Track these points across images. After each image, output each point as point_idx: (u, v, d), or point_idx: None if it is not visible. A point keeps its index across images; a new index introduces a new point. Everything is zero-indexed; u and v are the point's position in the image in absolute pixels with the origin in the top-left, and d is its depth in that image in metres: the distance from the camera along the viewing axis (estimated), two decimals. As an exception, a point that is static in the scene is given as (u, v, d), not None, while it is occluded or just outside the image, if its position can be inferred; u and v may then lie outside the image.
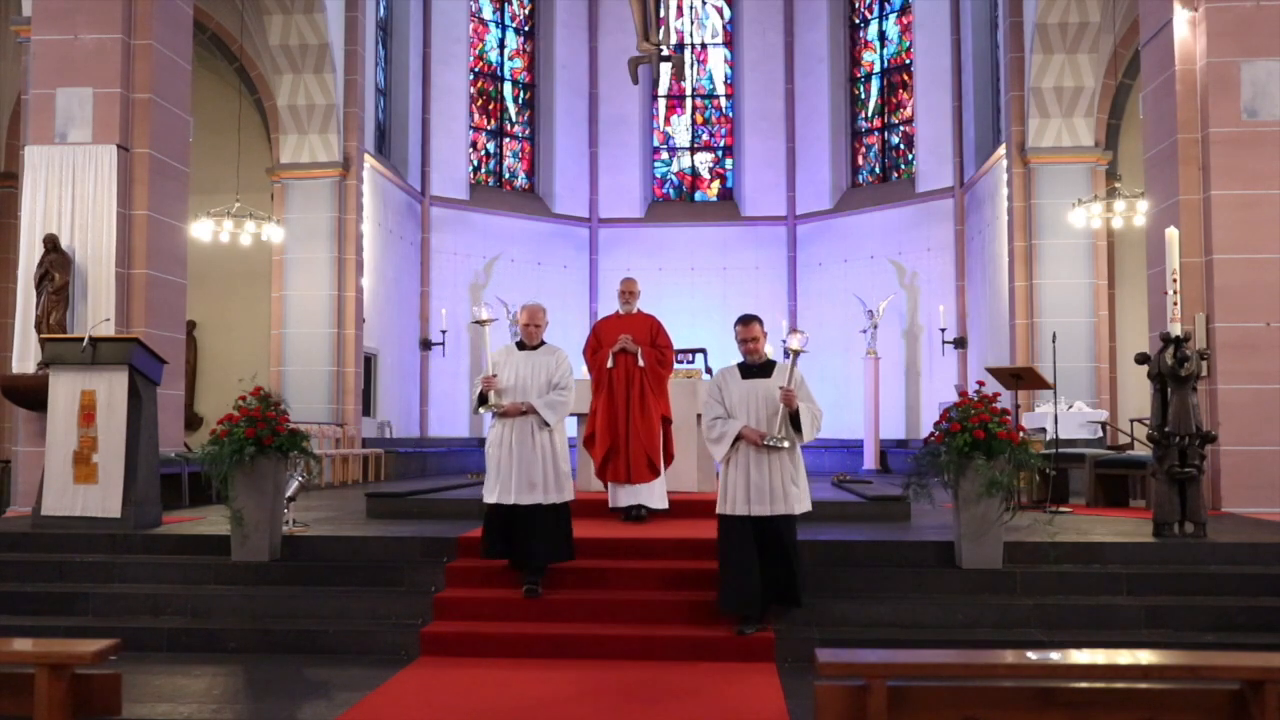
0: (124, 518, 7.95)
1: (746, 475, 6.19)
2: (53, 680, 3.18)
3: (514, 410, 6.71)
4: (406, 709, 5.33)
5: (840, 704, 3.06)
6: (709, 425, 6.31)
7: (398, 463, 15.95)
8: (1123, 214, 13.87)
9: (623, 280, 9.22)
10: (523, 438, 6.68)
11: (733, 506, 6.21)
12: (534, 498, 6.62)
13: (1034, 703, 3.05)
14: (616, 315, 9.14)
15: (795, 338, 6.26)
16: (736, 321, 6.45)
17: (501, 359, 6.94)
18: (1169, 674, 3.23)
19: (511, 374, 6.84)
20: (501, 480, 6.67)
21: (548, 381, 6.80)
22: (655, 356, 8.84)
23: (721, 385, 6.34)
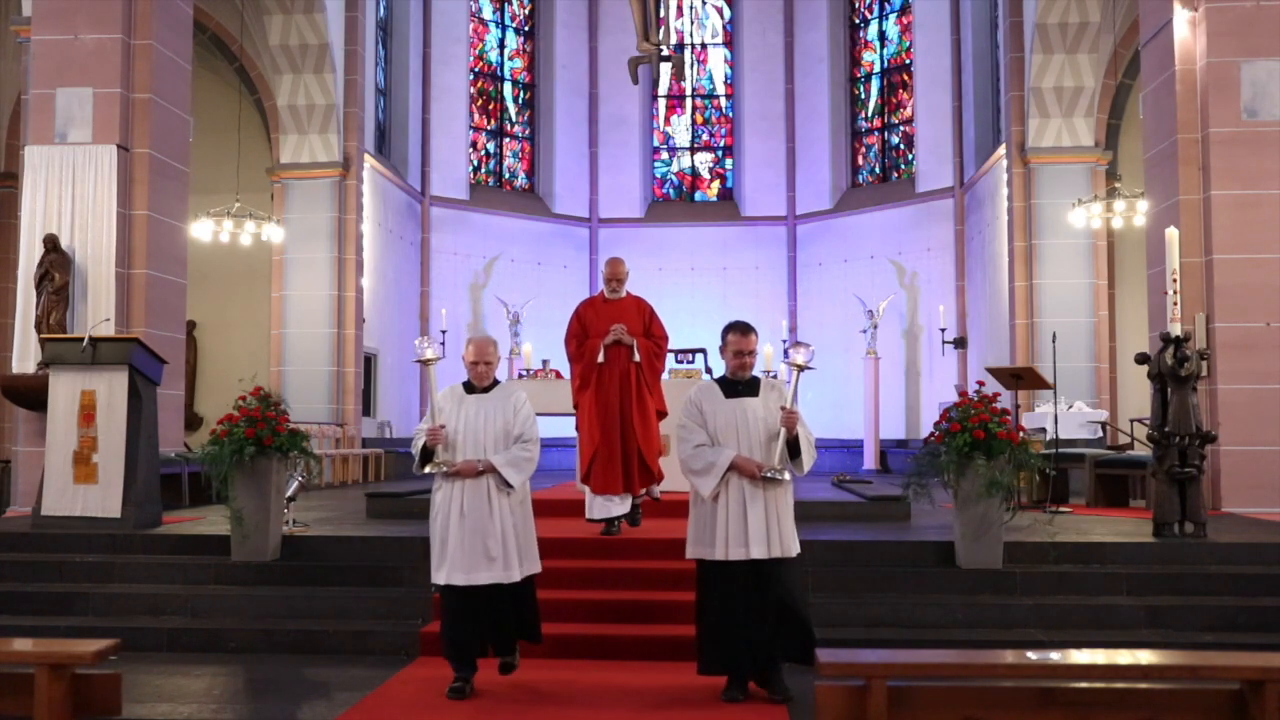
0: (124, 518, 7.95)
1: (742, 512, 5.19)
2: (53, 680, 3.18)
3: (468, 470, 5.29)
4: (406, 709, 5.32)
5: (840, 704, 3.06)
6: (691, 455, 5.27)
7: (398, 463, 15.94)
8: (1123, 214, 13.87)
9: (608, 262, 7.93)
10: (477, 503, 5.29)
11: (722, 549, 5.19)
12: (492, 574, 5.27)
13: (1034, 703, 3.05)
14: (602, 298, 7.89)
15: (800, 352, 5.42)
16: (729, 329, 5.47)
17: (447, 404, 5.47)
18: (1169, 674, 3.23)
19: (460, 423, 5.39)
20: (451, 555, 5.27)
21: (505, 432, 5.39)
22: (651, 349, 7.77)
23: (701, 406, 5.35)
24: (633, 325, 7.69)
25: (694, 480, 5.28)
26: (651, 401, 7.79)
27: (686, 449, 5.31)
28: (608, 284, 7.80)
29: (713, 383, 5.50)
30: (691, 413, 5.36)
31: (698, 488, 5.28)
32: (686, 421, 5.36)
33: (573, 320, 7.84)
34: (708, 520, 5.25)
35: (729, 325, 5.51)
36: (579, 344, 7.73)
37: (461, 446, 5.38)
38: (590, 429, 7.63)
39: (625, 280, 7.85)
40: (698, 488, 5.28)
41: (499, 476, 5.32)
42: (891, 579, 6.88)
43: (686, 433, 5.34)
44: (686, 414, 5.37)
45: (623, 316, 7.70)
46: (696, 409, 5.36)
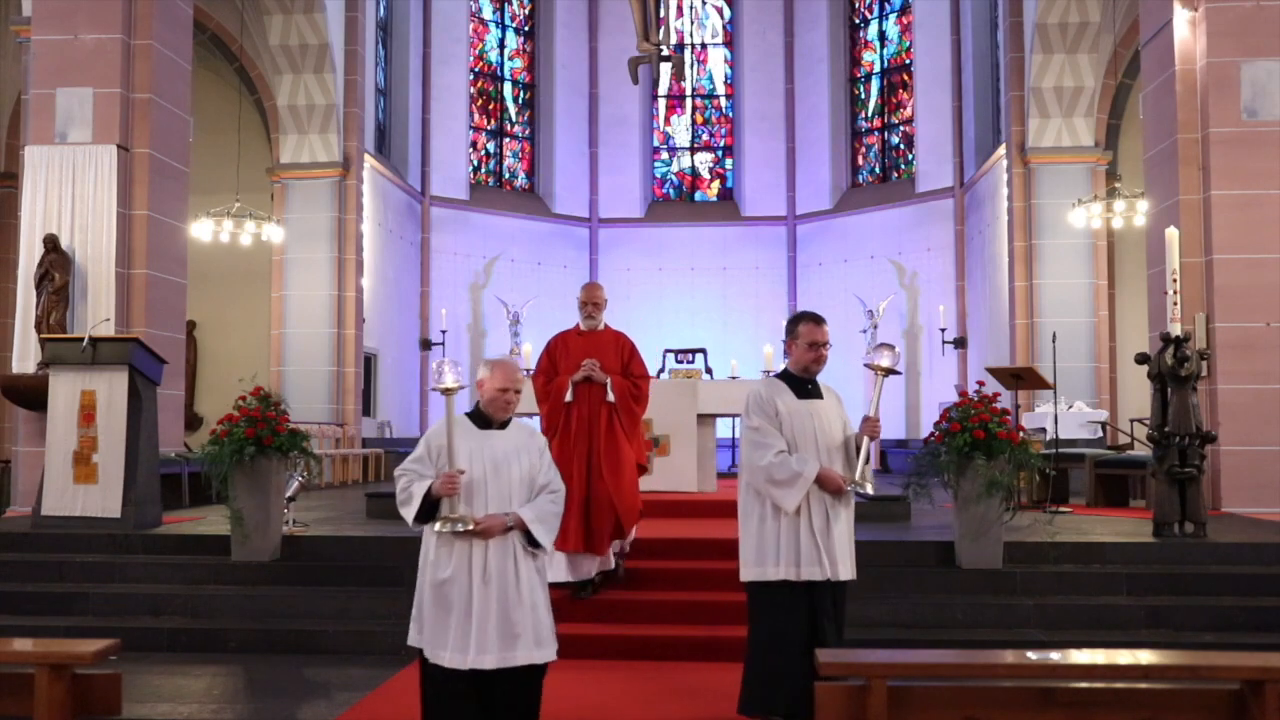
0: (124, 518, 7.95)
1: (826, 528, 4.61)
2: (53, 680, 3.18)
3: (496, 528, 4.12)
4: (407, 709, 5.32)
5: (840, 704, 3.06)
6: (775, 463, 4.56)
7: (398, 463, 15.85)
8: (1123, 214, 13.87)
9: (584, 288, 7.04)
10: (503, 567, 4.14)
11: (791, 569, 4.58)
12: (516, 655, 4.12)
13: (1034, 703, 3.05)
14: (577, 331, 6.92)
15: (885, 354, 4.75)
16: (801, 318, 4.80)
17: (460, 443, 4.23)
18: (1169, 674, 3.23)
19: (476, 467, 4.21)
20: (458, 631, 4.10)
21: (529, 480, 4.27)
22: (628, 389, 6.75)
23: (776, 404, 4.67)
24: (609, 361, 6.72)
25: (774, 492, 4.58)
26: (627, 448, 6.68)
27: (765, 455, 4.58)
28: (583, 309, 6.85)
29: (778, 379, 4.81)
30: (766, 412, 4.66)
31: (779, 500, 4.58)
32: (761, 423, 4.65)
33: (542, 356, 6.91)
34: (779, 537, 4.61)
35: (801, 314, 4.85)
36: (547, 380, 6.79)
37: (479, 497, 4.19)
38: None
39: (603, 307, 6.89)
40: (779, 500, 4.58)
41: (526, 535, 4.18)
42: (891, 579, 6.88)
43: (763, 436, 4.63)
44: (759, 413, 4.67)
45: (598, 352, 6.73)
46: (771, 408, 4.67)
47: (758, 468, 4.60)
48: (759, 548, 4.64)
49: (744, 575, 4.71)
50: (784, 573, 4.57)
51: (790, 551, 4.58)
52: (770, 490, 4.59)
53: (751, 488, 4.68)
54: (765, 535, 4.63)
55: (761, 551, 4.63)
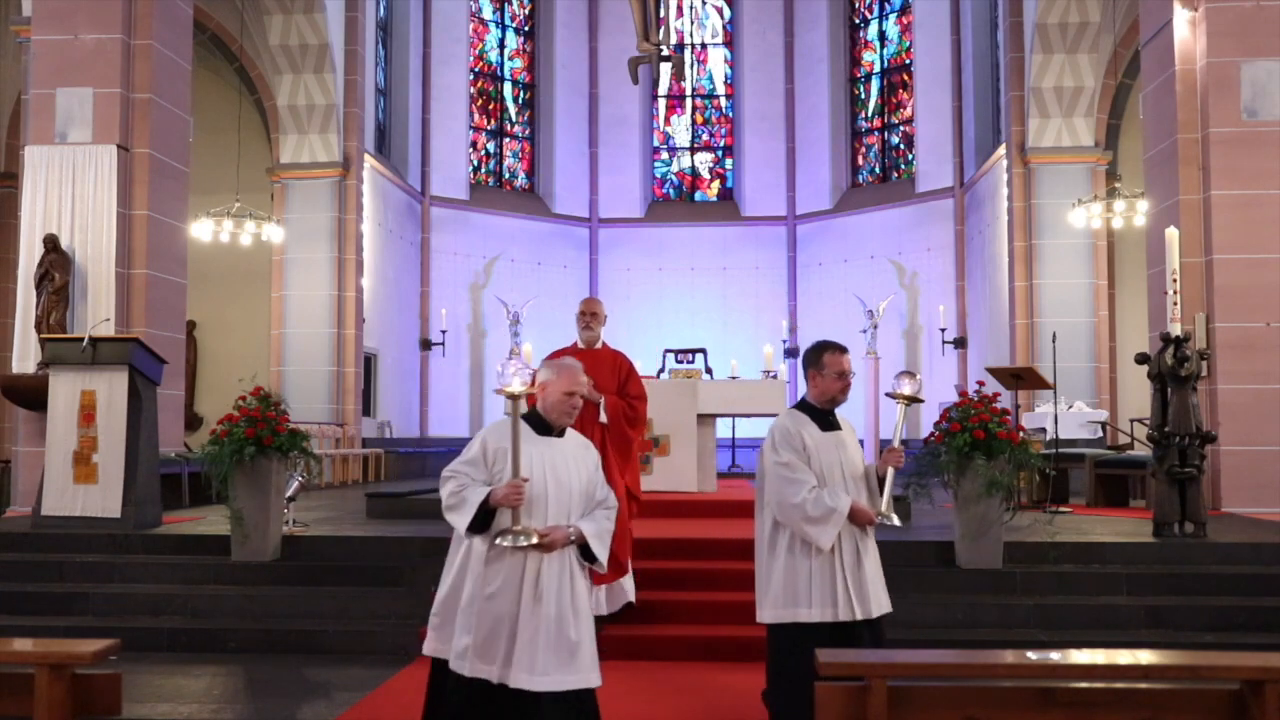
0: (124, 518, 7.95)
1: (857, 563, 4.44)
2: (53, 680, 3.18)
3: (560, 541, 3.93)
4: (407, 709, 5.32)
5: (840, 704, 3.06)
6: (810, 499, 4.35)
7: (398, 463, 15.94)
8: (1123, 214, 13.87)
9: (583, 302, 6.79)
10: (560, 583, 3.94)
11: (828, 609, 4.39)
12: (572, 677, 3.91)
13: (1034, 703, 3.05)
14: (574, 348, 6.63)
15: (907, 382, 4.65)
16: (828, 347, 4.58)
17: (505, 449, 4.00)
18: (1169, 674, 3.23)
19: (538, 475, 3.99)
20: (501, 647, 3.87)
21: (587, 493, 4.10)
22: (622, 409, 6.45)
23: (803, 438, 4.47)
24: (605, 381, 6.39)
25: (809, 530, 4.35)
26: (620, 475, 6.31)
27: (799, 492, 4.36)
28: (580, 319, 6.57)
29: (799, 411, 4.58)
30: (794, 445, 4.45)
31: (814, 538, 4.35)
32: (790, 458, 4.42)
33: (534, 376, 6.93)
34: (811, 576, 4.39)
35: (824, 344, 4.61)
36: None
37: (539, 508, 3.94)
38: None
39: (602, 320, 6.63)
40: (814, 538, 4.35)
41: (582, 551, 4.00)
42: (891, 579, 6.81)
43: (793, 472, 4.40)
44: (788, 447, 4.44)
45: (594, 370, 6.26)
46: (798, 441, 4.46)
47: (791, 505, 4.37)
48: (788, 587, 4.41)
49: (769, 616, 4.46)
50: (818, 614, 4.37)
51: (824, 591, 4.38)
52: (805, 528, 4.36)
53: (777, 524, 4.46)
54: (796, 574, 4.40)
55: (792, 591, 4.40)
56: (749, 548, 7.23)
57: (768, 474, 4.47)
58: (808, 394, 4.61)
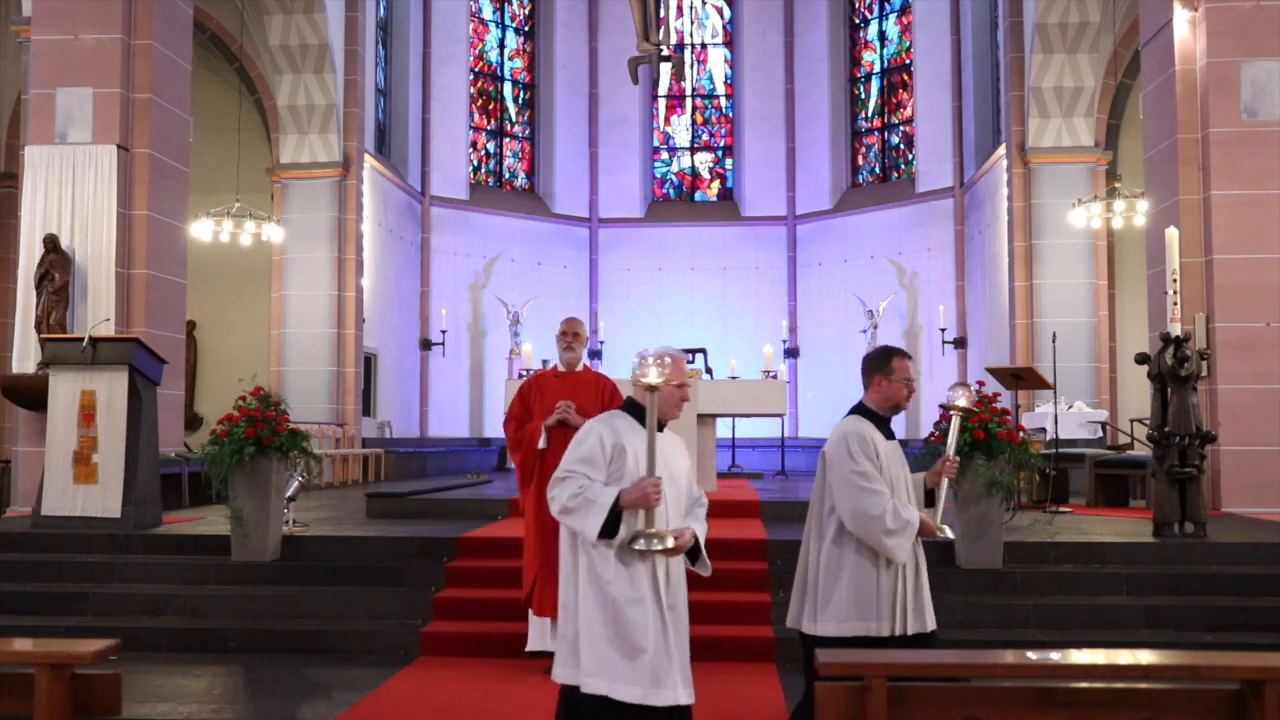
0: (124, 518, 7.95)
1: (916, 574, 4.29)
2: (53, 680, 3.18)
3: (687, 544, 3.75)
4: (406, 709, 5.32)
5: (840, 704, 3.06)
6: (889, 511, 4.14)
7: (398, 463, 15.94)
8: (1123, 214, 13.87)
9: (564, 322, 6.31)
10: (683, 588, 3.86)
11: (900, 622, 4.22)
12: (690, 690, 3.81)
13: (1034, 703, 3.05)
14: (554, 373, 6.32)
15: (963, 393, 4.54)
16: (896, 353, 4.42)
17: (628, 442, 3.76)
18: (1169, 674, 3.23)
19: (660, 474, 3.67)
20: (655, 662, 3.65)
21: (689, 491, 3.96)
22: None
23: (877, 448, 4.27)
24: (587, 404, 6.06)
25: (888, 542, 4.14)
26: None
27: (879, 503, 4.15)
28: (560, 339, 6.24)
29: (863, 417, 4.36)
30: (869, 454, 4.23)
31: (892, 551, 4.16)
32: (868, 467, 4.20)
33: (514, 400, 6.28)
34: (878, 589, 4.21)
35: (892, 349, 4.46)
36: (519, 426, 6.14)
37: (661, 508, 3.66)
38: (533, 535, 5.97)
39: (584, 341, 6.32)
40: (892, 551, 4.16)
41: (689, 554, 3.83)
42: (891, 579, 6.87)
43: (870, 482, 4.17)
44: (864, 456, 4.21)
45: (575, 394, 6.08)
46: (873, 449, 4.25)
47: (871, 517, 4.15)
48: (855, 599, 4.20)
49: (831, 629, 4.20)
50: (887, 627, 4.19)
51: (889, 604, 4.21)
52: (884, 540, 4.15)
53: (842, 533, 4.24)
54: (864, 587, 4.20)
55: (861, 605, 4.19)
56: (749, 548, 7.26)
57: (842, 482, 4.21)
58: (868, 400, 4.41)
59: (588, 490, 3.61)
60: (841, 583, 4.22)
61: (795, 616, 4.36)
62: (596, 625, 3.61)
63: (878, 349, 4.56)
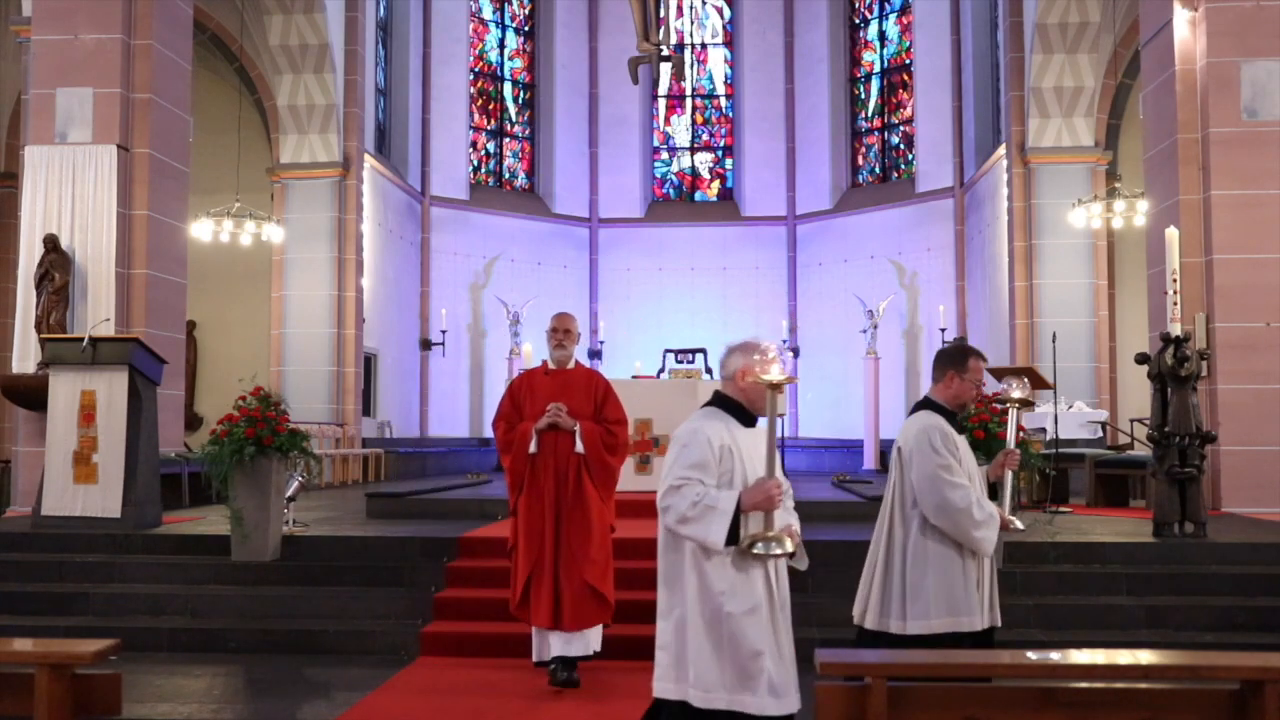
0: (124, 518, 7.95)
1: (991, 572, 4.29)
2: (53, 680, 3.18)
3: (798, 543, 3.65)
4: (406, 709, 5.32)
5: (840, 704, 3.06)
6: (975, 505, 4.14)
7: (398, 463, 15.95)
8: (1123, 214, 13.86)
9: (555, 318, 6.05)
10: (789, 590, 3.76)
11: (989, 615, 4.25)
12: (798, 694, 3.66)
13: (1034, 703, 3.05)
14: (544, 369, 6.01)
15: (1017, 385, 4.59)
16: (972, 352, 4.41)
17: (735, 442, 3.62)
18: (1169, 674, 3.23)
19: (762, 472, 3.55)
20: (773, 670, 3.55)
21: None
22: (600, 436, 5.80)
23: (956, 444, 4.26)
24: (579, 405, 5.80)
25: (975, 535, 4.12)
26: (597, 509, 5.78)
27: (965, 496, 4.13)
28: (551, 336, 5.96)
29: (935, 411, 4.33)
30: (951, 447, 4.22)
31: (980, 544, 4.14)
32: (951, 461, 4.20)
33: (504, 399, 6.02)
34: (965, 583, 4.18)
35: (967, 348, 4.45)
36: (509, 428, 5.88)
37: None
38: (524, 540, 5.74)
39: (575, 338, 5.99)
40: (980, 544, 4.14)
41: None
42: (891, 579, 6.87)
43: (954, 475, 4.16)
44: (947, 450, 4.20)
45: (567, 394, 5.82)
46: (954, 444, 4.24)
47: (959, 510, 4.12)
48: (947, 596, 4.15)
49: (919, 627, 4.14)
50: (979, 621, 4.18)
51: (975, 598, 4.19)
52: (972, 534, 4.12)
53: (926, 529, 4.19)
54: (953, 582, 4.16)
55: (952, 600, 4.15)
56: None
57: (927, 477, 4.16)
58: (936, 394, 4.37)
59: (706, 497, 3.44)
60: (929, 579, 4.16)
61: (875, 618, 4.26)
62: (711, 639, 3.48)
63: (954, 345, 4.54)
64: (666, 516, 3.50)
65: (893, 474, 4.33)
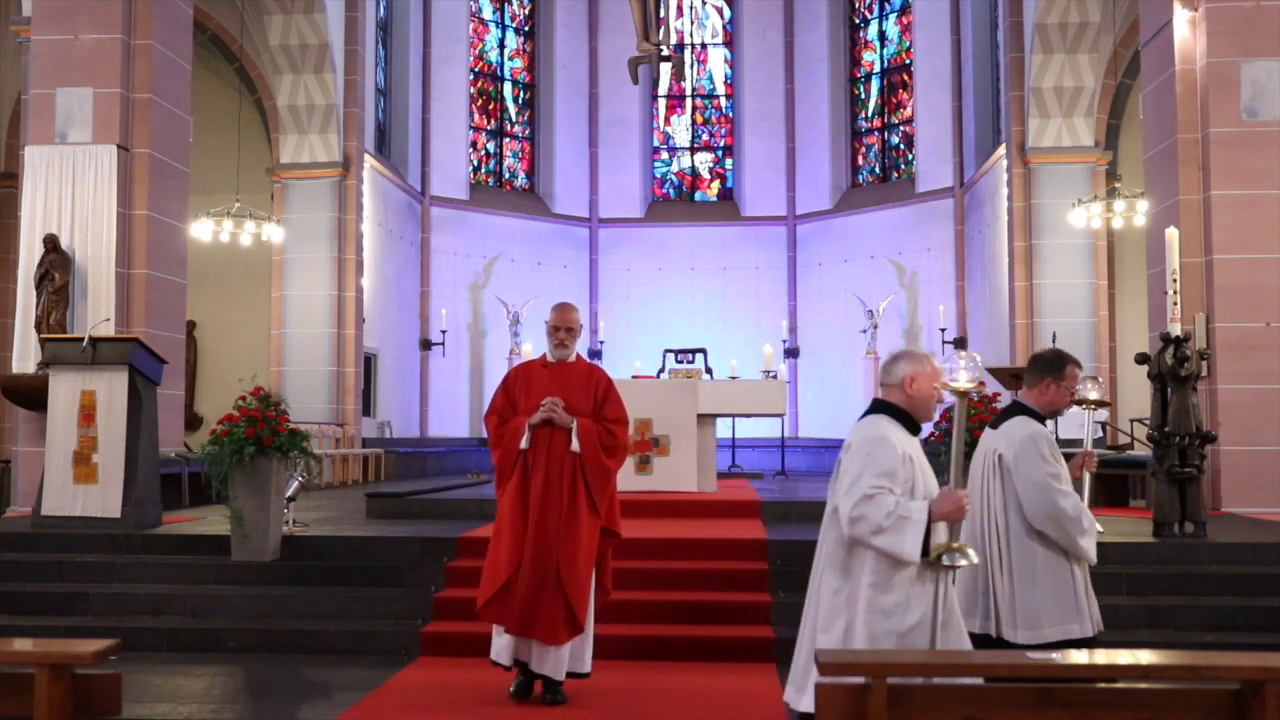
0: (124, 518, 7.95)
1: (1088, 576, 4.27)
2: (53, 680, 3.18)
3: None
4: (406, 709, 5.32)
5: (840, 703, 3.05)
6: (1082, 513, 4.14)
7: (398, 463, 15.95)
8: (1123, 214, 13.87)
9: (556, 309, 5.66)
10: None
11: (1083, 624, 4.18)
12: None
13: (1034, 703, 3.05)
14: (543, 362, 5.62)
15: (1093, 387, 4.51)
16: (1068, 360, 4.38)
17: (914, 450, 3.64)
18: (1169, 674, 3.23)
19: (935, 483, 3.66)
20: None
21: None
22: (598, 435, 5.40)
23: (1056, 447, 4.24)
24: (577, 401, 5.43)
25: (1083, 542, 4.11)
26: (586, 515, 5.32)
27: (1076, 504, 4.13)
28: (553, 335, 5.56)
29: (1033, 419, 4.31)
30: (1057, 454, 4.19)
31: (1087, 552, 4.14)
32: (1060, 470, 4.17)
33: (498, 392, 5.63)
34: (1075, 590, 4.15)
35: (1065, 355, 4.40)
36: (501, 422, 5.50)
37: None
38: (507, 540, 5.31)
39: (578, 334, 5.60)
40: (1087, 552, 4.14)
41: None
42: (891, 579, 6.86)
43: (1061, 483, 4.14)
44: (1056, 457, 4.19)
45: (565, 388, 5.44)
46: (1059, 453, 4.23)
47: (1070, 519, 4.09)
48: (1058, 603, 4.12)
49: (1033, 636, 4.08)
50: (1089, 627, 4.16)
51: (1086, 604, 4.17)
52: (1079, 541, 4.10)
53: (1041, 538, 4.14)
54: (1063, 589, 4.13)
55: (1063, 607, 4.13)
56: (749, 547, 7.26)
57: (1036, 485, 4.11)
58: (1030, 399, 4.32)
59: (900, 507, 3.37)
60: (1038, 587, 4.11)
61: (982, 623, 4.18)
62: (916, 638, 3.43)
63: (1051, 352, 4.42)
64: (858, 526, 3.39)
65: (986, 481, 4.25)
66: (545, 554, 5.21)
